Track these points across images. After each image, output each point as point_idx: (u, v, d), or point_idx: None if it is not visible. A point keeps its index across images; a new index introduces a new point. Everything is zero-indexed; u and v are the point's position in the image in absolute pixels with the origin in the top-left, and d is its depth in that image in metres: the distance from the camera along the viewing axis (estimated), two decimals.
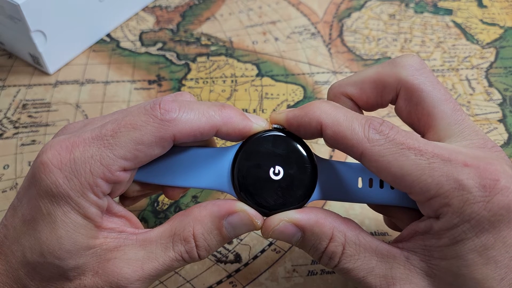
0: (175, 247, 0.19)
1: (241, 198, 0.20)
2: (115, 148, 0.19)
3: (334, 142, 0.19)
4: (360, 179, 0.22)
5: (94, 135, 0.19)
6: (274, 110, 0.35)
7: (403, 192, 0.19)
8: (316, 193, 0.21)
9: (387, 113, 0.35)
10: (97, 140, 0.19)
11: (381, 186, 0.21)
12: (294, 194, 0.20)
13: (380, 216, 0.29)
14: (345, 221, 0.20)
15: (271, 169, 0.20)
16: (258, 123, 0.21)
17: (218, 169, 0.21)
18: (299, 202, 0.21)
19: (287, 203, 0.20)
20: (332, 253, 0.19)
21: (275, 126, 0.21)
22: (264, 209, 0.20)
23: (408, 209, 0.22)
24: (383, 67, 0.21)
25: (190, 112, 0.19)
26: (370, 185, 0.22)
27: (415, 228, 0.19)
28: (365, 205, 0.29)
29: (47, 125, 0.34)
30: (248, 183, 0.20)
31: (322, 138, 0.20)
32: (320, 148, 0.33)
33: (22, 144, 0.33)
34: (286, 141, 0.21)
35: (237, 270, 0.27)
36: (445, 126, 0.20)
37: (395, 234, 0.28)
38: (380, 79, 0.21)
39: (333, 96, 0.22)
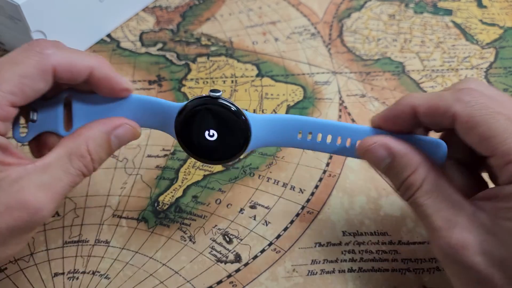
0: (74, 164, 0.21)
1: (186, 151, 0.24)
2: (1, 84, 0.19)
3: (428, 118, 0.21)
4: (298, 132, 0.24)
5: None
6: (274, 110, 0.35)
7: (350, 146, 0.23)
8: (253, 144, 0.24)
9: None
10: None
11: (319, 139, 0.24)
12: (226, 151, 0.24)
13: (379, 216, 0.29)
14: (431, 163, 0.21)
15: (206, 132, 0.23)
16: (128, 81, 0.23)
17: (165, 119, 0.24)
18: (231, 157, 0.24)
19: (222, 158, 0.24)
20: (411, 184, 0.21)
21: (212, 93, 0.23)
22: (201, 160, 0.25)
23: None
24: (442, 97, 0.21)
25: (67, 50, 0.21)
26: (309, 137, 0.24)
27: (489, 192, 0.20)
28: (365, 205, 0.30)
29: None
30: (187, 143, 0.24)
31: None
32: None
33: (22, 145, 0.33)
34: (221, 105, 0.23)
35: (237, 270, 0.27)
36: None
37: (395, 234, 0.28)
38: (436, 109, 0.21)
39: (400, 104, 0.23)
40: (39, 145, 0.24)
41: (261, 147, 0.26)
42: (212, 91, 0.23)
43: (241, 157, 0.26)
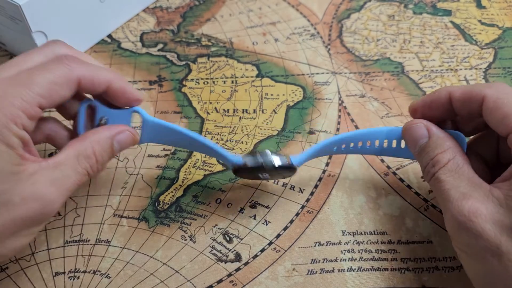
0: (81, 164, 0.23)
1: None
2: (33, 87, 0.22)
3: (462, 102, 0.24)
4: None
5: (10, 78, 0.22)
6: (274, 110, 0.35)
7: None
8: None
9: (386, 113, 0.35)
10: (15, 81, 0.22)
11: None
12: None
13: (379, 216, 0.29)
14: (460, 150, 0.24)
15: (260, 174, 0.27)
16: (139, 93, 0.27)
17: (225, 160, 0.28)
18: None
19: None
20: (438, 161, 0.24)
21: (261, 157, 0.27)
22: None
23: None
24: (475, 85, 0.25)
25: (90, 64, 0.24)
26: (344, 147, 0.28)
27: (505, 174, 0.22)
28: (365, 205, 0.30)
29: None
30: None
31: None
32: None
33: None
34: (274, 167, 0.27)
35: (237, 269, 0.27)
36: None
37: (394, 233, 0.28)
38: (469, 92, 0.24)
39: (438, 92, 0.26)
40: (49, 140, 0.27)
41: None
42: (261, 154, 0.27)
43: None
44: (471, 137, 0.28)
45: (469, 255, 0.22)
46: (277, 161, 0.27)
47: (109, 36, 0.41)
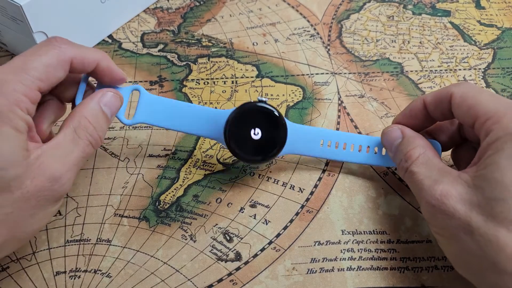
0: (81, 135, 0.24)
1: (231, 152, 0.28)
2: (30, 71, 0.22)
3: (434, 105, 0.27)
4: (321, 141, 0.30)
5: (6, 66, 0.23)
6: None
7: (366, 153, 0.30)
8: (286, 148, 0.29)
9: (385, 113, 0.35)
10: (11, 68, 0.22)
11: (336, 147, 0.30)
12: (267, 149, 0.28)
13: (378, 215, 0.29)
14: (430, 147, 0.26)
15: (252, 130, 0.28)
16: (123, 72, 0.28)
17: (215, 125, 0.29)
18: (271, 155, 0.28)
19: (262, 155, 0.28)
20: (410, 156, 0.26)
21: (260, 98, 0.28)
22: (245, 158, 0.28)
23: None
24: (444, 87, 0.27)
25: (78, 45, 0.26)
26: (329, 146, 0.30)
27: (474, 161, 0.24)
28: (364, 204, 0.30)
29: None
30: (236, 140, 0.28)
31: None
32: None
33: None
34: (265, 109, 0.28)
35: (238, 268, 0.27)
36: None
37: (394, 233, 0.29)
38: (439, 94, 0.27)
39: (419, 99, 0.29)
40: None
41: (289, 153, 0.30)
42: (259, 99, 0.28)
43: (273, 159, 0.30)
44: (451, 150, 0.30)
45: (445, 237, 0.23)
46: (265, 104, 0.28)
47: (110, 36, 0.41)
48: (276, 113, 0.28)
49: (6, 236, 0.22)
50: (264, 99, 0.28)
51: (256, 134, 0.28)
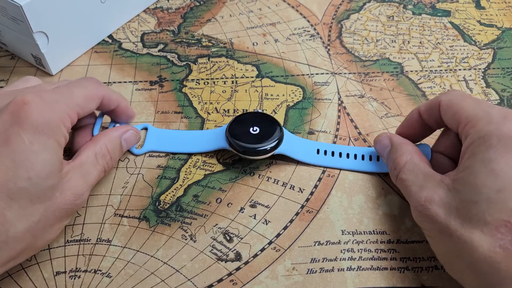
0: (99, 161, 0.27)
1: (231, 146, 0.30)
2: (73, 97, 0.26)
3: (427, 113, 0.28)
4: (317, 150, 0.32)
5: (56, 90, 0.26)
6: (274, 110, 0.35)
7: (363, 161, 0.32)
8: (282, 148, 0.30)
9: (385, 113, 0.35)
10: (61, 92, 0.26)
11: (332, 155, 0.32)
12: (265, 142, 0.30)
13: (378, 215, 0.29)
14: (417, 152, 0.27)
15: (251, 128, 0.31)
16: (133, 111, 0.33)
17: (216, 139, 0.32)
18: (269, 150, 0.30)
19: (260, 147, 0.30)
20: (398, 163, 0.27)
21: (256, 110, 0.33)
22: (246, 153, 0.30)
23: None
24: (435, 97, 0.28)
25: (107, 86, 0.30)
26: (325, 154, 0.32)
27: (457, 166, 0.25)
28: (364, 204, 0.30)
29: None
30: (236, 135, 0.31)
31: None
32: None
33: None
34: (262, 114, 0.32)
35: (238, 268, 0.27)
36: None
37: (394, 233, 0.29)
38: (430, 103, 0.28)
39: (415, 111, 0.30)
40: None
41: (287, 154, 0.31)
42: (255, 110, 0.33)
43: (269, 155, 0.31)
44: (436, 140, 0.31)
45: (432, 237, 0.24)
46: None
47: (110, 36, 0.41)
48: (270, 115, 0.32)
49: (29, 243, 0.23)
50: (259, 110, 0.32)
51: (254, 130, 0.31)
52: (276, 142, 0.30)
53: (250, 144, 0.30)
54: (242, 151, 0.30)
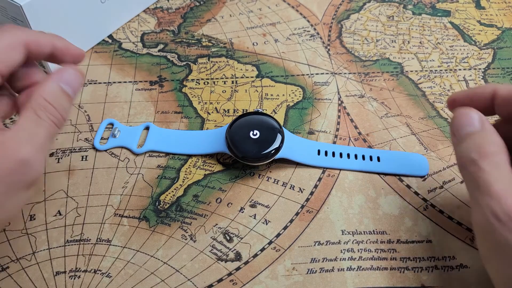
0: (42, 116, 0.23)
1: (231, 151, 0.30)
2: None
3: (507, 101, 0.25)
4: (317, 151, 0.32)
5: None
6: (274, 110, 0.35)
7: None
8: (282, 152, 0.30)
9: (385, 113, 0.35)
10: None
11: (333, 155, 0.32)
12: (265, 149, 0.30)
13: (378, 215, 0.29)
14: (506, 151, 0.23)
15: (251, 132, 0.30)
16: (81, 49, 0.27)
17: (216, 141, 0.32)
18: (270, 155, 0.30)
19: (260, 154, 0.30)
20: (484, 149, 0.23)
21: (257, 110, 0.32)
22: (245, 159, 0.30)
23: None
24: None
25: (31, 29, 0.26)
26: (326, 155, 0.32)
27: None
28: (364, 204, 0.30)
29: None
30: (236, 140, 0.30)
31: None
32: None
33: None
34: (262, 116, 0.31)
35: (238, 268, 0.27)
36: None
37: (394, 233, 0.29)
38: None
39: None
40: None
41: (287, 158, 0.31)
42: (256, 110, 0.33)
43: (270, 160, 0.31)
44: None
45: (500, 257, 0.20)
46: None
47: (110, 36, 0.41)
48: (270, 116, 0.31)
49: None
50: (260, 110, 0.32)
51: (255, 134, 0.30)
52: (277, 147, 0.30)
53: (250, 151, 0.30)
54: (242, 157, 0.30)
